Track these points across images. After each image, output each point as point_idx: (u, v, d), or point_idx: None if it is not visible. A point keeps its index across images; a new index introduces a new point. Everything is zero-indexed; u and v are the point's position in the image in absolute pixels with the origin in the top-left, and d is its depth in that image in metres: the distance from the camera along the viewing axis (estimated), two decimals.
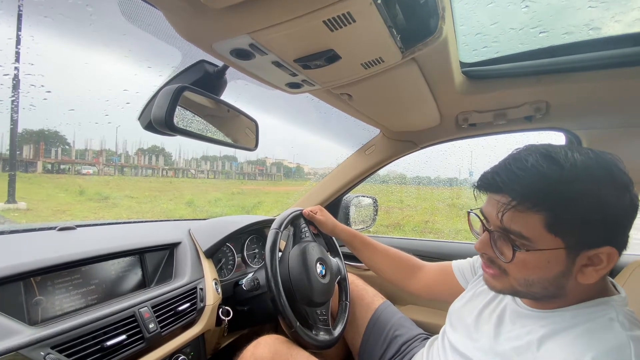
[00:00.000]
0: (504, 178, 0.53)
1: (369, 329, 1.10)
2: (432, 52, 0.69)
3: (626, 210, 0.50)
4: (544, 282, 0.54)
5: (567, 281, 0.53)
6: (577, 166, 0.49)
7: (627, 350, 0.47)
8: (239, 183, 15.89)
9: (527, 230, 0.51)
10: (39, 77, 1.32)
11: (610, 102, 0.94)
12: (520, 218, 0.51)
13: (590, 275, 0.52)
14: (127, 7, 0.63)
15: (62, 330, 0.66)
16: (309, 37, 0.56)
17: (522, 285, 0.56)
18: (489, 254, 0.58)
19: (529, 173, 0.51)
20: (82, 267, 0.82)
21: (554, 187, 0.49)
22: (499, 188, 0.54)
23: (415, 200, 6.57)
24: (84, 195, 8.19)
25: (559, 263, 0.52)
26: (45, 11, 0.68)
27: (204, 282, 1.02)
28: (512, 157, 0.56)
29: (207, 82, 0.77)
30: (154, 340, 0.80)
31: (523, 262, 0.53)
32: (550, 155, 0.51)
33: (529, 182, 0.51)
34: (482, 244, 0.59)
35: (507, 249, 0.54)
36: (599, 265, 0.51)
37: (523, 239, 0.52)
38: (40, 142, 10.37)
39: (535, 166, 0.51)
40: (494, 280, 0.60)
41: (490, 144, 1.41)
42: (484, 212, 0.59)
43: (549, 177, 0.50)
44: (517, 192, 0.51)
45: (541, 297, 0.57)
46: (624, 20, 0.79)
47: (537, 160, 0.51)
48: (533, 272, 0.53)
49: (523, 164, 0.52)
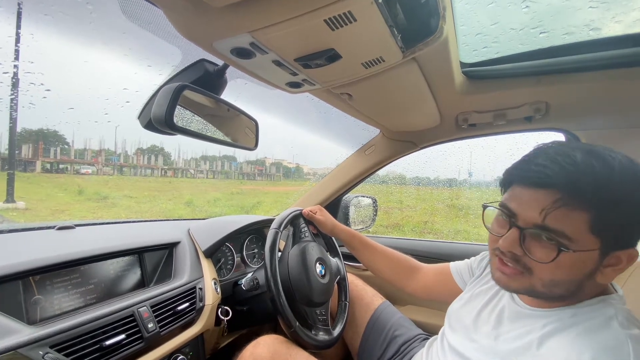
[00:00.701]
0: (556, 171, 0.50)
1: (369, 329, 1.10)
2: (432, 52, 0.69)
3: None
4: (569, 283, 0.53)
5: (589, 281, 0.53)
6: (625, 167, 0.49)
7: (625, 349, 0.47)
8: (238, 183, 15.88)
9: (570, 230, 0.49)
10: (39, 75, 1.32)
11: (610, 103, 0.94)
12: (568, 216, 0.49)
13: (609, 275, 0.52)
14: (128, 5, 0.63)
15: (60, 329, 0.66)
16: (310, 36, 0.56)
17: (545, 285, 0.53)
18: (517, 252, 0.54)
19: (581, 169, 0.49)
20: (81, 266, 0.82)
21: (603, 186, 0.48)
22: (546, 183, 0.50)
23: (414, 200, 6.57)
24: (82, 195, 8.18)
25: (590, 264, 0.51)
26: (45, 9, 0.68)
27: (203, 281, 1.02)
28: (554, 151, 0.53)
29: (207, 81, 0.77)
30: (153, 339, 0.80)
31: (557, 262, 0.50)
32: (597, 153, 0.50)
33: (582, 179, 0.48)
34: (511, 242, 0.54)
35: (539, 247, 0.52)
36: (617, 265, 0.51)
37: (564, 238, 0.49)
38: (39, 142, 10.35)
39: (586, 163, 0.49)
40: (510, 280, 0.57)
41: (490, 145, 1.41)
42: (512, 207, 0.55)
43: (600, 176, 0.48)
44: (569, 188, 0.49)
45: (558, 297, 0.56)
46: (625, 20, 0.79)
47: (584, 156, 0.50)
48: (564, 273, 0.51)
49: (572, 159, 0.50)
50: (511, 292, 0.60)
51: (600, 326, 0.51)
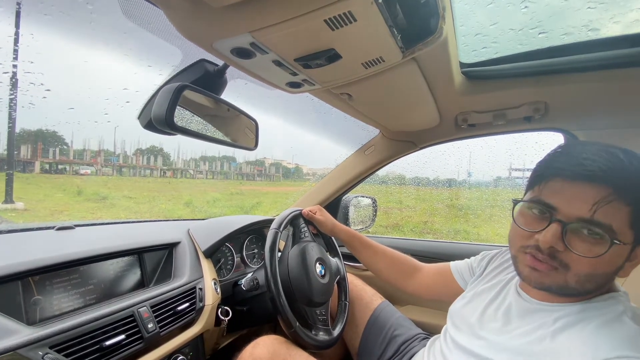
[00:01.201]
0: (608, 167, 0.50)
1: (368, 328, 1.10)
2: (432, 52, 0.69)
3: None
4: (603, 277, 0.53)
5: (615, 275, 0.55)
6: None
7: (639, 340, 0.49)
8: (237, 183, 15.86)
9: (617, 224, 0.50)
10: (39, 76, 1.32)
11: (609, 103, 0.94)
12: (616, 211, 0.50)
13: (628, 270, 0.54)
14: (128, 6, 0.63)
15: (60, 330, 0.66)
16: (310, 36, 0.56)
17: (579, 281, 0.53)
18: (558, 248, 0.53)
19: (626, 166, 0.50)
20: (81, 266, 0.81)
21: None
22: (599, 178, 0.50)
23: (414, 200, 6.58)
24: (81, 196, 8.16)
25: (623, 258, 0.53)
26: (45, 9, 0.68)
27: (203, 282, 1.02)
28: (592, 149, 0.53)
29: (207, 81, 0.77)
30: (153, 340, 0.80)
31: (600, 257, 0.51)
32: (631, 152, 0.52)
33: (629, 175, 0.50)
34: (552, 237, 0.53)
35: (580, 242, 0.52)
36: (635, 260, 0.54)
37: (612, 232, 0.50)
38: (38, 142, 10.33)
39: (630, 160, 0.51)
40: (544, 276, 0.56)
41: (489, 145, 1.41)
42: (552, 202, 0.54)
43: None
44: (620, 184, 0.50)
45: (585, 292, 0.56)
46: (623, 21, 0.79)
47: (626, 155, 0.51)
48: (602, 267, 0.52)
49: (617, 156, 0.51)
50: (543, 289, 0.59)
51: (614, 320, 0.53)
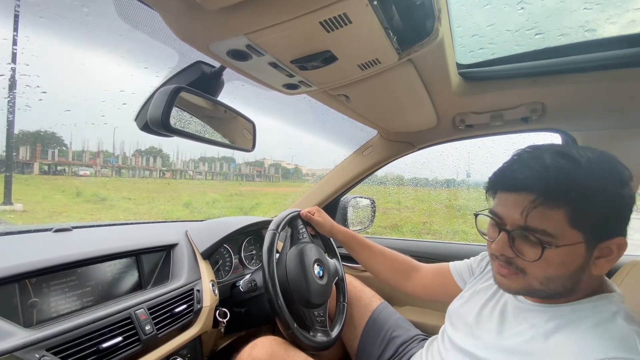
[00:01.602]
0: (528, 175, 0.54)
1: (367, 330, 1.10)
2: (428, 54, 0.69)
3: (631, 202, 0.53)
4: (563, 278, 0.55)
5: (583, 275, 0.55)
6: (592, 162, 0.52)
7: (632, 341, 0.49)
8: (237, 184, 15.85)
9: (551, 227, 0.52)
10: (35, 78, 1.32)
11: (605, 104, 0.94)
12: (545, 215, 0.52)
13: (603, 267, 0.54)
14: (123, 8, 0.62)
15: (57, 332, 0.65)
16: (306, 38, 0.56)
17: (542, 283, 0.56)
18: (508, 255, 0.57)
19: (550, 170, 0.53)
20: (78, 268, 0.81)
21: (574, 182, 0.52)
22: (521, 186, 0.54)
23: (412, 201, 6.58)
24: (80, 197, 8.15)
25: (579, 257, 0.53)
26: (40, 12, 0.67)
27: (200, 283, 1.02)
28: (526, 156, 0.57)
29: (204, 83, 0.77)
30: (150, 342, 0.80)
31: (546, 259, 0.53)
32: (565, 153, 0.54)
33: (552, 178, 0.52)
34: (502, 246, 0.57)
35: (528, 247, 0.55)
36: (609, 255, 0.54)
37: (547, 236, 0.52)
38: (36, 144, 10.31)
39: (555, 163, 0.53)
40: (510, 282, 0.59)
41: (487, 145, 1.42)
42: (499, 212, 0.58)
43: (569, 173, 0.52)
44: (541, 189, 0.52)
45: (557, 293, 0.57)
46: (619, 22, 0.79)
47: (553, 157, 0.54)
48: (555, 269, 0.54)
49: (542, 161, 0.54)
50: (513, 293, 0.63)
51: (606, 321, 0.53)
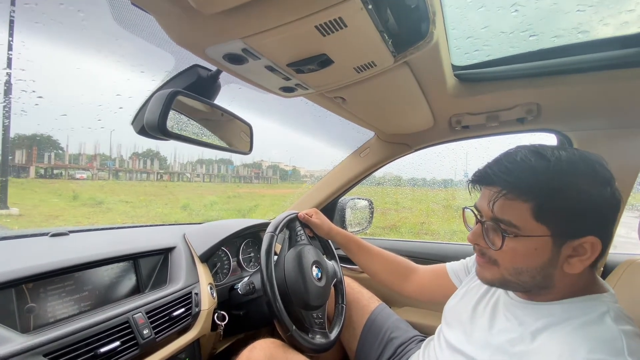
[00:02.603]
0: (495, 171, 0.58)
1: (365, 331, 1.10)
2: (424, 56, 0.70)
3: (608, 203, 0.53)
4: (532, 271, 0.57)
5: (554, 270, 0.56)
6: (561, 160, 0.54)
7: (619, 343, 0.49)
8: (235, 186, 15.81)
9: (516, 219, 0.55)
10: (30, 83, 1.30)
11: (600, 104, 0.95)
12: (510, 207, 0.56)
13: (576, 266, 0.55)
14: (119, 12, 0.63)
15: (54, 337, 0.65)
16: (301, 42, 0.56)
17: (512, 274, 0.58)
18: (480, 244, 0.62)
19: (518, 166, 0.56)
20: (75, 273, 0.81)
21: (540, 178, 0.54)
22: (491, 180, 0.59)
23: (410, 202, 6.59)
24: (77, 200, 8.09)
25: (546, 251, 0.55)
26: (36, 17, 0.67)
27: (199, 286, 1.01)
28: (503, 154, 0.61)
29: (201, 87, 0.77)
30: (149, 346, 0.80)
31: (512, 250, 0.56)
32: (538, 151, 0.56)
33: (518, 173, 0.55)
34: (475, 235, 0.63)
35: (497, 238, 0.58)
36: (583, 255, 0.54)
37: (512, 227, 0.55)
38: (32, 147, 10.24)
39: (524, 160, 0.56)
40: (485, 271, 0.63)
41: (483, 146, 1.42)
42: (478, 206, 0.63)
43: (535, 169, 0.54)
44: (507, 182, 0.56)
45: (531, 287, 0.59)
46: (613, 23, 0.80)
47: (525, 155, 0.57)
48: (521, 260, 0.57)
49: (513, 158, 0.57)
50: (488, 284, 0.65)
51: (594, 322, 0.53)
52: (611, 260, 1.09)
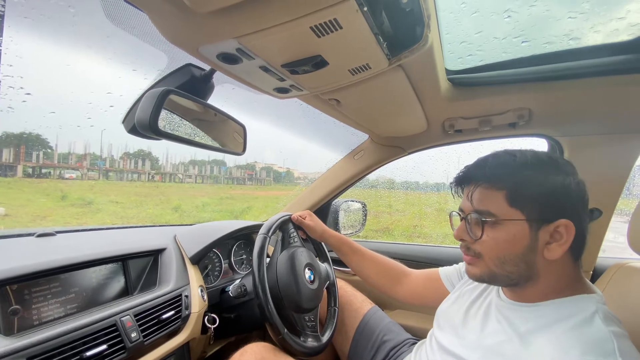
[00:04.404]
0: (471, 169, 0.66)
1: (358, 334, 1.10)
2: (418, 60, 0.70)
3: (573, 188, 0.59)
4: (515, 259, 0.60)
5: (535, 257, 0.59)
6: (526, 155, 0.61)
7: (610, 345, 0.50)
8: (227, 188, 15.69)
9: (493, 207, 0.60)
10: (18, 79, 1.28)
11: (590, 110, 0.97)
12: (486, 196, 0.61)
13: (555, 251, 0.58)
14: (111, 9, 0.61)
15: (38, 340, 0.63)
16: (296, 42, 0.56)
17: (497, 264, 0.61)
18: (465, 238, 0.66)
19: (490, 162, 0.64)
20: (61, 274, 0.79)
21: (509, 168, 0.61)
22: (467, 178, 0.66)
23: (403, 205, 6.61)
24: (66, 201, 7.93)
25: (524, 237, 0.59)
26: (25, 12, 0.66)
27: (189, 289, 1.00)
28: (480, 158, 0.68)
29: (194, 86, 0.76)
30: (136, 349, 0.78)
31: (493, 239, 0.60)
32: (507, 150, 0.65)
33: (490, 165, 0.63)
34: (459, 231, 0.67)
35: (479, 229, 0.62)
36: (560, 240, 0.57)
37: (490, 215, 0.60)
38: (20, 145, 10.04)
39: (494, 157, 0.64)
40: (473, 267, 0.66)
41: (476, 150, 1.43)
42: (461, 206, 0.68)
43: (505, 161, 0.62)
44: (482, 174, 0.63)
45: (517, 277, 0.61)
46: (603, 30, 0.81)
47: (496, 153, 0.65)
48: (503, 248, 0.60)
49: (485, 158, 0.66)
50: (477, 280, 0.67)
51: (585, 323, 0.54)
52: (600, 264, 1.10)
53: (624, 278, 0.89)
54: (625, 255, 1.07)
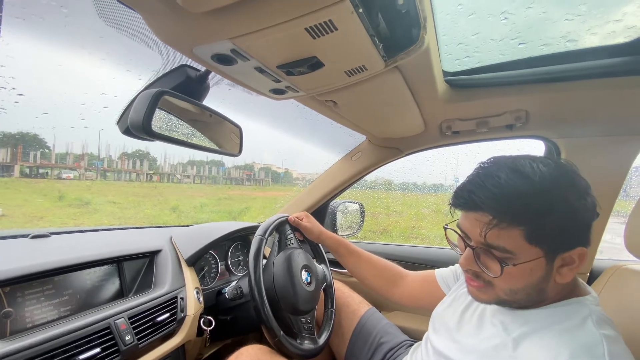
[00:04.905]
0: (482, 197, 0.55)
1: (355, 336, 1.09)
2: (415, 61, 0.70)
3: (590, 212, 0.54)
4: (528, 289, 0.57)
5: (547, 284, 0.57)
6: (545, 178, 0.53)
7: (599, 348, 0.49)
8: (226, 188, 15.64)
9: (510, 245, 0.54)
10: (10, 80, 1.26)
11: (587, 112, 0.97)
12: (503, 234, 0.54)
13: (566, 275, 0.56)
14: (104, 9, 0.61)
15: (31, 344, 0.63)
16: (291, 44, 0.56)
17: (508, 294, 0.58)
18: (474, 269, 0.60)
19: (504, 190, 0.53)
20: (55, 276, 0.78)
21: (528, 201, 0.52)
22: (477, 207, 0.56)
23: (401, 206, 6.61)
24: (63, 201, 7.89)
25: (540, 269, 0.55)
26: (16, 12, 0.65)
27: (185, 291, 0.99)
28: (483, 173, 0.57)
29: (189, 87, 0.76)
30: (131, 352, 0.77)
31: (509, 274, 0.55)
32: (519, 170, 0.54)
33: (506, 199, 0.53)
34: (467, 261, 0.60)
35: (492, 263, 0.56)
36: (572, 264, 0.55)
37: (507, 252, 0.54)
38: (18, 146, 9.98)
39: (509, 182, 0.54)
40: (480, 293, 0.62)
41: (473, 151, 1.43)
42: (463, 228, 0.60)
43: (523, 192, 0.53)
44: (497, 209, 0.54)
45: (525, 303, 0.59)
46: (600, 32, 0.81)
47: (508, 176, 0.54)
48: (518, 282, 0.56)
49: (497, 180, 0.55)
50: (484, 303, 0.65)
51: (577, 326, 0.54)
52: (597, 266, 1.10)
53: (621, 280, 0.89)
54: (622, 256, 1.07)
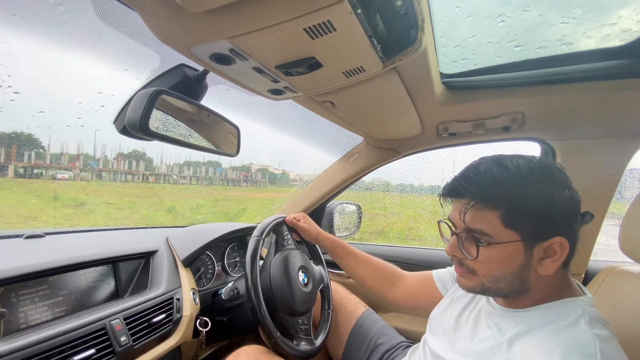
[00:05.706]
0: (462, 183, 0.60)
1: (352, 337, 1.09)
2: (412, 63, 0.70)
3: (568, 204, 0.57)
4: (509, 277, 0.59)
5: (528, 273, 0.58)
6: (521, 168, 0.57)
7: (592, 347, 0.50)
8: (222, 189, 15.58)
9: (487, 227, 0.57)
10: (6, 78, 1.25)
11: (582, 114, 0.98)
12: (480, 216, 0.58)
13: (548, 267, 0.57)
14: (102, 8, 0.61)
15: (25, 345, 0.62)
16: (290, 44, 0.56)
17: (490, 281, 0.60)
18: (458, 255, 0.63)
19: (482, 176, 0.59)
20: (50, 277, 0.78)
21: (504, 186, 0.57)
22: (459, 192, 0.61)
23: (398, 207, 6.62)
24: (58, 201, 7.82)
25: (519, 256, 0.57)
26: (13, 9, 0.65)
27: (180, 292, 0.99)
28: (467, 166, 0.63)
29: (187, 87, 0.76)
30: (126, 354, 0.77)
31: (487, 258, 0.58)
32: (499, 161, 0.60)
33: (483, 183, 0.58)
34: (451, 247, 0.64)
35: (472, 248, 0.60)
36: (554, 256, 0.56)
37: (484, 235, 0.58)
38: (12, 145, 9.89)
39: (487, 170, 0.59)
40: (465, 280, 0.65)
41: (470, 153, 1.44)
42: (451, 218, 0.65)
43: (498, 178, 0.57)
44: (474, 193, 0.58)
45: (509, 292, 0.61)
46: (596, 36, 0.82)
47: (488, 165, 0.60)
48: (497, 267, 0.58)
49: (477, 170, 0.60)
50: (469, 291, 0.67)
51: (569, 326, 0.54)
52: (592, 268, 1.11)
53: (615, 281, 0.89)
54: (616, 257, 1.08)
